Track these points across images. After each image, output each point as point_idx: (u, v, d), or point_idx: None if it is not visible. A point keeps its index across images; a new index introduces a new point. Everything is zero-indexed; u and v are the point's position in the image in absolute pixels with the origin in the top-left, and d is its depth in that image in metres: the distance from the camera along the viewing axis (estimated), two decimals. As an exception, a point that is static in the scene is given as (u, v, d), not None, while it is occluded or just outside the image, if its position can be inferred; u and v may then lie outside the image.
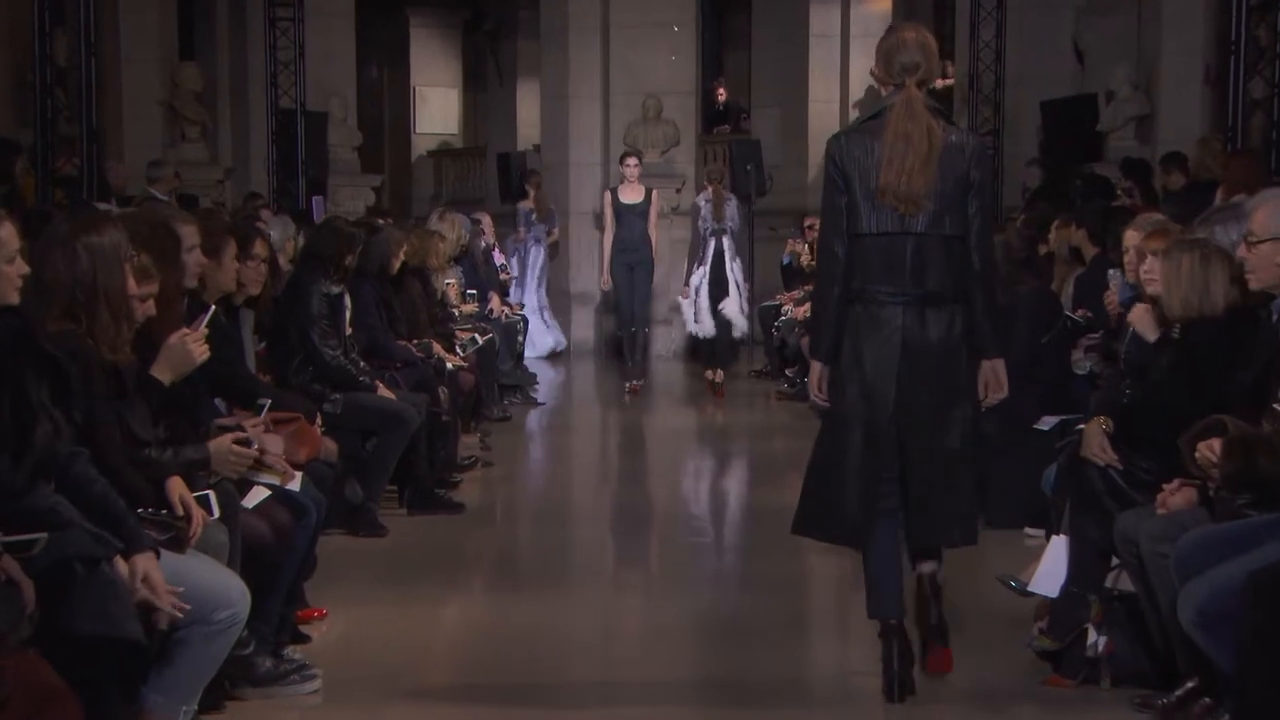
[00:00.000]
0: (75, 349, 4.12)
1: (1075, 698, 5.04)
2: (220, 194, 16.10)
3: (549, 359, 15.83)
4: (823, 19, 18.48)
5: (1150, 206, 9.65)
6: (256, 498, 5.00)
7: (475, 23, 25.39)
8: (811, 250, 12.74)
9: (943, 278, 4.91)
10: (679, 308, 13.86)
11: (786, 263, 14.80)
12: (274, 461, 5.12)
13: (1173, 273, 5.18)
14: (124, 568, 3.84)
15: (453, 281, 11.06)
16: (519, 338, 13.05)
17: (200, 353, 4.76)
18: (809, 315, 10.13)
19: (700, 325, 13.31)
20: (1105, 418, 5.28)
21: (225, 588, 4.23)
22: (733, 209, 13.30)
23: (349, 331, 7.66)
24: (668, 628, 6.12)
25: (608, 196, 13.60)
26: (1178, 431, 4.71)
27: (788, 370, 13.01)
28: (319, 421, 6.16)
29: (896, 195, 4.86)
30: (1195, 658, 4.49)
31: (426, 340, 9.08)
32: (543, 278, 16.29)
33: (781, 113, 18.78)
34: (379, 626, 5.97)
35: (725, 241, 13.17)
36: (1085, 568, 5.16)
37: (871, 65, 5.18)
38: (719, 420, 12.41)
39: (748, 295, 13.74)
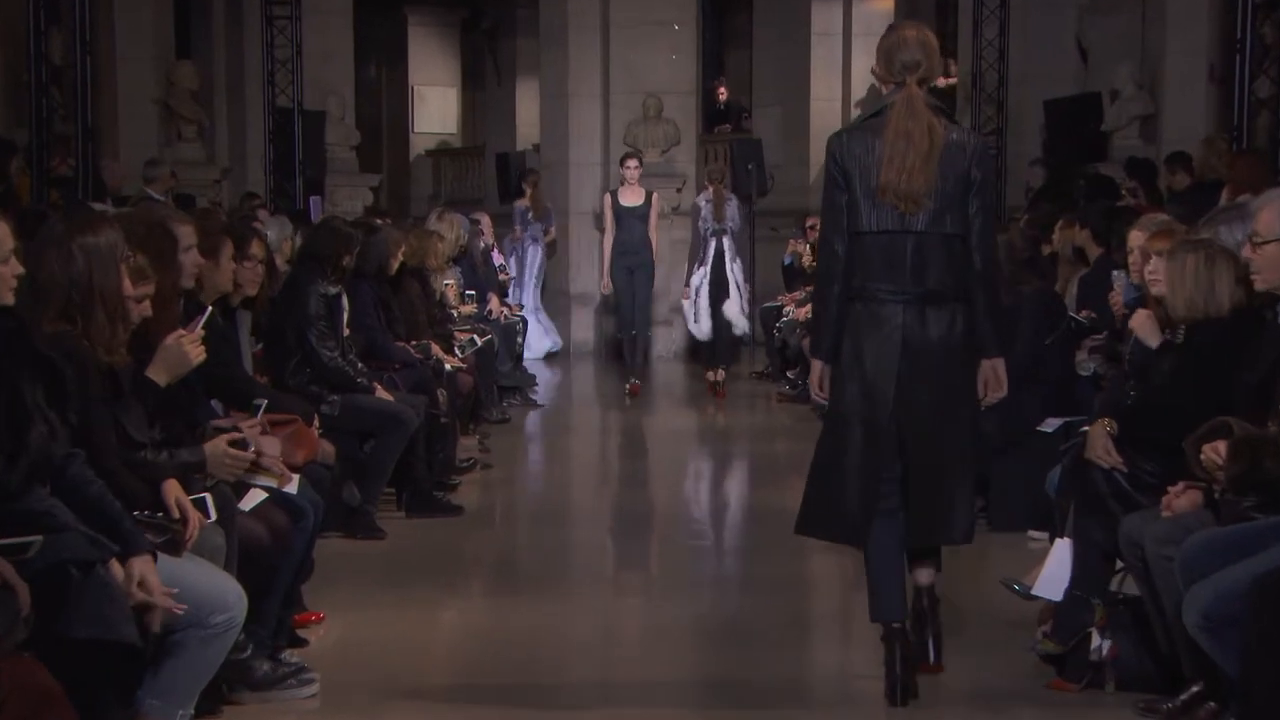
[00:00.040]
0: (71, 350, 4.10)
1: (1079, 702, 5.02)
2: (217, 194, 16.07)
3: (549, 360, 15.79)
4: (825, 17, 18.46)
5: (1155, 206, 9.61)
6: (253, 500, 4.98)
7: (473, 21, 25.35)
8: (813, 250, 12.70)
9: (943, 276, 4.89)
10: (680, 309, 13.82)
11: (788, 263, 14.76)
12: (271, 464, 5.11)
13: (1177, 273, 5.16)
14: (119, 571, 3.81)
15: (451, 282, 11.02)
16: (518, 339, 13.01)
17: (197, 354, 4.75)
18: (810, 316, 10.10)
19: (699, 326, 13.28)
20: (1109, 420, 5.26)
21: (222, 591, 4.21)
22: (733, 209, 13.26)
23: (347, 333, 7.64)
24: (668, 630, 6.10)
25: (607, 199, 13.55)
26: (1182, 434, 4.69)
27: (789, 372, 12.97)
28: (316, 423, 6.14)
29: (897, 193, 4.85)
30: (1200, 662, 4.47)
31: (425, 341, 9.05)
32: (539, 278, 16.25)
33: (783, 112, 18.75)
34: (377, 629, 5.95)
35: (726, 242, 13.13)
36: (1089, 571, 5.14)
37: (872, 64, 5.15)
38: (720, 422, 12.38)
39: (748, 296, 13.71)
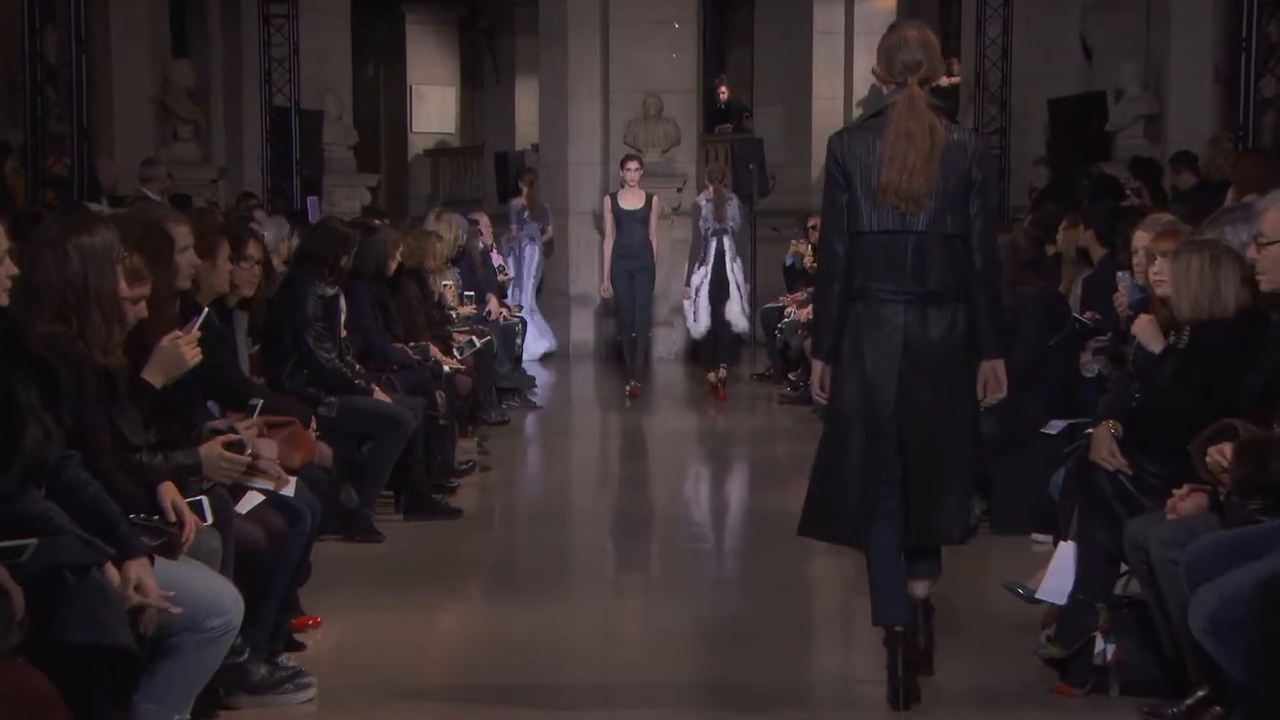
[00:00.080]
0: (66, 351, 4.08)
1: (1083, 706, 5.00)
2: (213, 194, 16.04)
3: (549, 361, 15.73)
4: (827, 15, 18.44)
5: (1159, 207, 9.59)
6: (250, 503, 4.96)
7: (472, 19, 25.30)
8: (815, 251, 12.66)
9: (944, 276, 4.89)
10: (681, 309, 13.77)
11: (789, 263, 14.71)
12: (268, 466, 5.08)
13: (1182, 274, 5.15)
14: (114, 574, 3.79)
15: (450, 283, 10.97)
16: (517, 340, 12.97)
17: (193, 355, 4.73)
18: (811, 317, 10.06)
19: (697, 325, 13.24)
20: (1114, 421, 5.24)
21: (218, 595, 4.19)
22: (734, 208, 13.22)
23: (344, 334, 7.60)
24: (668, 633, 6.08)
25: (607, 202, 13.47)
26: (1188, 435, 4.68)
27: (791, 374, 12.93)
28: (314, 425, 6.10)
29: (898, 193, 4.84)
30: (1206, 666, 4.45)
31: (423, 343, 9.02)
32: (538, 277, 16.18)
33: (785, 110, 18.73)
34: (375, 633, 5.93)
35: (726, 241, 13.09)
36: (1093, 574, 5.12)
37: (873, 64, 5.14)
38: (720, 424, 12.35)
39: (749, 296, 13.67)
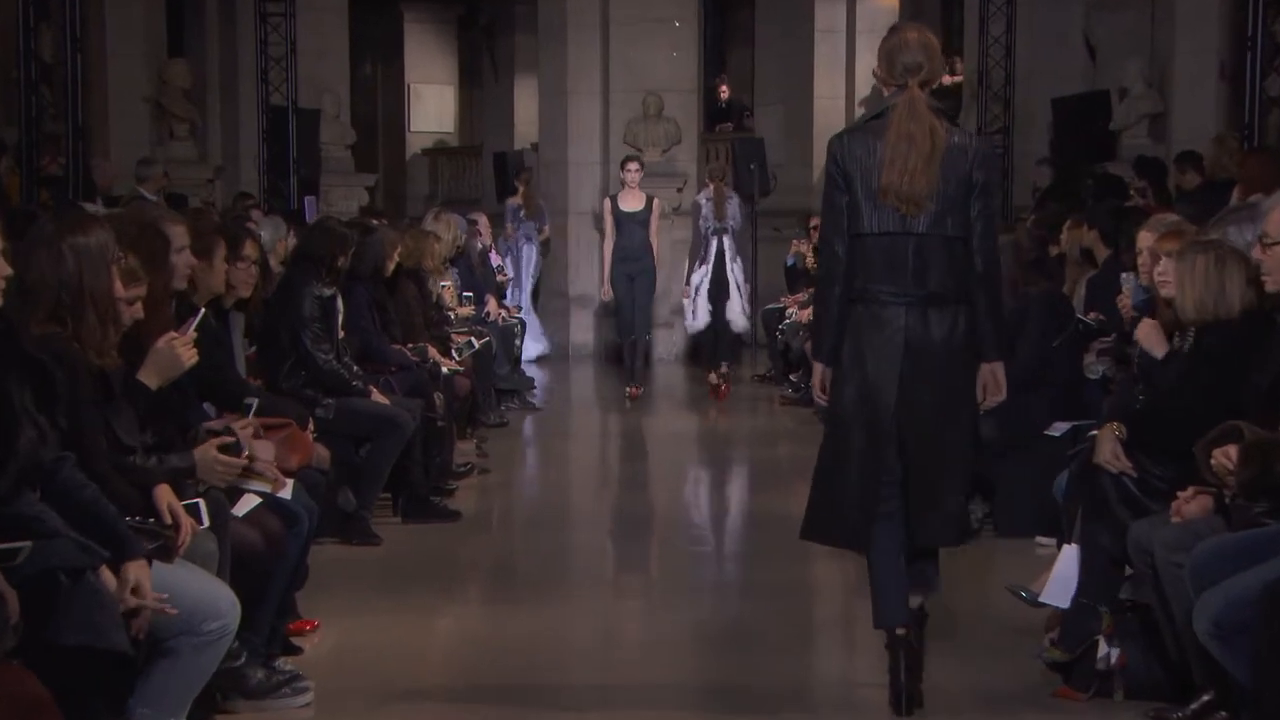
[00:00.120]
0: (60, 353, 4.06)
1: (1086, 710, 4.99)
2: (210, 193, 16.03)
3: (548, 363, 15.68)
4: (828, 14, 18.43)
5: (1164, 206, 9.55)
6: (247, 506, 4.93)
7: (470, 18, 25.26)
8: (816, 252, 12.62)
9: (944, 278, 4.87)
10: (681, 309, 13.74)
11: (791, 264, 14.69)
12: (265, 468, 5.07)
13: (1187, 275, 5.13)
14: (110, 577, 3.76)
15: (448, 284, 10.94)
16: (516, 341, 12.94)
17: (189, 357, 4.71)
18: (812, 318, 10.03)
19: (695, 321, 13.20)
20: (1118, 423, 5.22)
21: (215, 598, 4.17)
22: (734, 207, 13.20)
23: (342, 335, 7.58)
24: (668, 636, 6.06)
25: (607, 204, 13.36)
26: (1192, 438, 4.67)
27: (792, 375, 12.88)
28: (311, 427, 6.08)
29: (898, 195, 4.83)
30: (1211, 670, 4.43)
31: (421, 344, 8.99)
32: (535, 277, 16.12)
33: (786, 110, 18.71)
34: (372, 637, 5.91)
35: (726, 241, 13.06)
36: (1097, 577, 5.10)
37: (874, 65, 5.11)
38: (721, 425, 12.33)
39: (749, 296, 13.63)
